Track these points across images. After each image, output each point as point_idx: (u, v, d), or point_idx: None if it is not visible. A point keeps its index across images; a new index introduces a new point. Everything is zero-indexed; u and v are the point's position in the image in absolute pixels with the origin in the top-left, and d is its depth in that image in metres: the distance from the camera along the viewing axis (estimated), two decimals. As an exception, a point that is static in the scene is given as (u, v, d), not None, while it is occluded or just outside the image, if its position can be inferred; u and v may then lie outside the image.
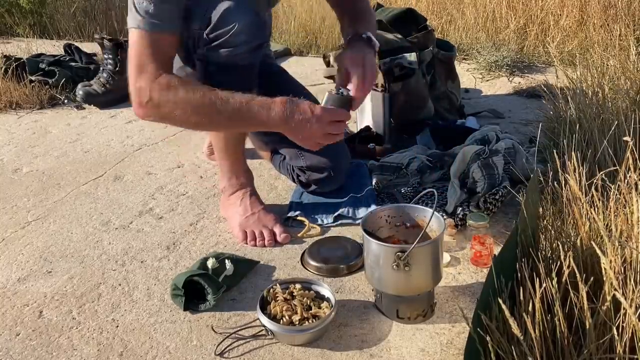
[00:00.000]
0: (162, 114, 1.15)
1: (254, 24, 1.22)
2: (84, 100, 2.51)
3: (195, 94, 1.12)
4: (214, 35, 1.20)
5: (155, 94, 1.13)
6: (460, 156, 1.50)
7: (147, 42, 1.14)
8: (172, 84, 1.13)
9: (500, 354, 0.84)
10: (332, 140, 1.18)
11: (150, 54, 1.14)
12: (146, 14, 1.13)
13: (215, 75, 1.25)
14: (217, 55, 1.22)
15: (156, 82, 1.13)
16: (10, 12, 4.09)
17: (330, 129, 1.15)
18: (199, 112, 1.13)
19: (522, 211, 1.08)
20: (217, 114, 1.12)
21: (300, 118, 1.11)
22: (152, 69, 1.14)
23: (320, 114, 1.12)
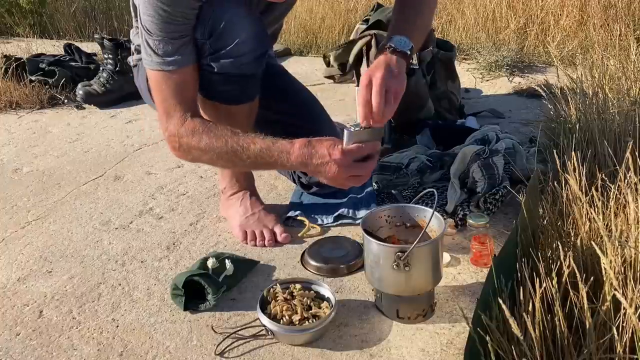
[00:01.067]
0: (193, 158, 1.20)
1: (258, 32, 1.21)
2: (84, 100, 2.51)
3: (218, 142, 1.14)
4: (217, 44, 1.19)
5: (184, 140, 1.17)
6: (460, 156, 1.50)
7: (171, 84, 1.16)
8: (197, 130, 1.15)
9: (500, 354, 0.84)
10: (358, 183, 1.12)
11: (175, 97, 1.17)
12: (165, 53, 1.14)
13: (219, 84, 1.24)
14: (221, 65, 1.21)
15: (183, 128, 1.16)
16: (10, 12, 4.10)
17: (354, 171, 1.07)
18: (223, 159, 1.16)
19: (522, 211, 1.08)
20: (240, 161, 1.14)
21: (318, 162, 1.07)
22: (178, 114, 1.17)
23: (340, 158, 1.05)
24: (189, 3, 1.14)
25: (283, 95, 1.58)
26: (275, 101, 1.51)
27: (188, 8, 1.14)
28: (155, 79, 1.19)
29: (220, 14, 1.17)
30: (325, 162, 1.06)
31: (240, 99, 1.28)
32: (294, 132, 1.54)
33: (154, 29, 1.13)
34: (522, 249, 1.04)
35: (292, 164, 1.10)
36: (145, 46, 1.16)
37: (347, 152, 1.05)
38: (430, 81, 1.98)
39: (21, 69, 2.67)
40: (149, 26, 1.13)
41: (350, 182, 1.10)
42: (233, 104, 1.28)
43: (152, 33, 1.13)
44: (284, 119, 1.53)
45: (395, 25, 1.23)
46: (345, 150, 1.05)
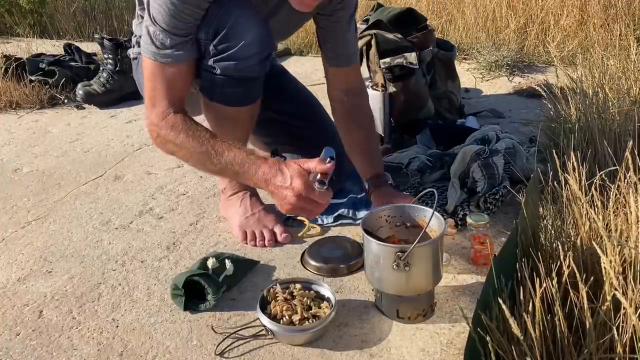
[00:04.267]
0: (169, 150, 1.19)
1: (263, 35, 1.21)
2: (84, 100, 2.51)
3: (193, 141, 1.13)
4: (222, 47, 1.18)
5: (162, 132, 1.16)
6: (460, 156, 1.50)
7: (162, 76, 1.16)
8: (176, 126, 1.15)
9: (500, 353, 0.84)
10: (301, 213, 1.09)
11: (164, 90, 1.16)
12: (162, 45, 1.14)
13: (222, 86, 1.24)
14: (225, 67, 1.20)
15: (164, 121, 1.16)
16: (10, 12, 4.10)
17: (307, 205, 1.04)
18: (195, 158, 1.16)
19: (522, 211, 1.08)
20: (210, 164, 1.13)
21: (278, 184, 1.04)
22: (162, 105, 1.16)
23: (299, 188, 1.02)
24: (199, 2, 1.13)
25: (283, 95, 1.58)
26: (276, 101, 1.51)
27: (197, 7, 1.14)
28: (148, 67, 1.18)
29: (226, 15, 1.17)
30: (284, 187, 1.04)
31: (243, 101, 1.28)
32: (294, 132, 1.55)
33: (159, 19, 1.12)
34: (522, 249, 1.04)
35: (257, 180, 1.08)
36: (146, 32, 1.15)
37: (309, 188, 1.02)
38: (430, 81, 1.97)
39: (21, 69, 2.67)
40: (154, 14, 1.13)
41: (294, 210, 1.06)
42: (236, 106, 1.28)
43: (157, 22, 1.13)
44: (284, 119, 1.54)
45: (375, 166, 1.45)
46: (308, 186, 1.02)
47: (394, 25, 1.94)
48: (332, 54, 1.41)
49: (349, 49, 1.42)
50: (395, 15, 1.98)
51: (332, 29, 1.38)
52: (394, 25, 1.94)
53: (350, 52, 1.42)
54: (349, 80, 1.43)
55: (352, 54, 1.44)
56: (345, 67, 1.42)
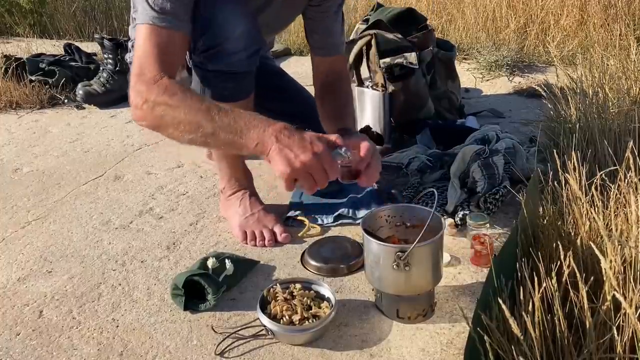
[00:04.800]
0: (155, 118, 1.07)
1: (251, 30, 1.21)
2: (84, 100, 2.51)
3: (192, 100, 1.04)
4: (211, 42, 1.19)
5: (152, 95, 1.05)
6: (460, 156, 1.50)
7: (157, 41, 1.08)
8: (170, 87, 1.06)
9: (500, 353, 0.84)
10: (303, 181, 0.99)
11: (157, 55, 1.08)
12: (161, 10, 1.08)
13: (212, 81, 1.24)
14: (214, 62, 1.20)
15: (156, 84, 1.06)
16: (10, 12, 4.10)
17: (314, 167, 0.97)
18: (190, 120, 1.03)
19: (522, 211, 1.08)
20: (208, 123, 1.01)
21: (293, 143, 0.97)
22: (154, 70, 1.07)
23: (319, 148, 0.97)
24: None
25: (282, 95, 1.58)
26: (275, 101, 1.51)
27: None
28: (141, 34, 1.09)
29: (214, 11, 1.17)
30: (300, 146, 0.96)
31: (235, 96, 1.28)
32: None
33: None
34: (522, 249, 1.04)
35: (263, 137, 0.98)
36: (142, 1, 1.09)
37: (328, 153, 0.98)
38: (430, 81, 1.97)
39: (21, 69, 2.67)
40: None
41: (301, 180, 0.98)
42: (228, 102, 1.28)
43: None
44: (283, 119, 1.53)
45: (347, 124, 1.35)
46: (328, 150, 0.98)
47: (394, 25, 1.94)
48: (319, 44, 1.44)
49: (336, 39, 1.44)
50: (395, 15, 1.98)
51: (320, 19, 1.41)
52: (394, 25, 1.94)
53: (337, 42, 1.45)
54: (332, 67, 1.47)
55: (339, 44, 1.46)
56: (330, 56, 1.45)
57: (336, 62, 1.48)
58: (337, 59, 1.48)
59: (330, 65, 1.47)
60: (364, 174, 1.10)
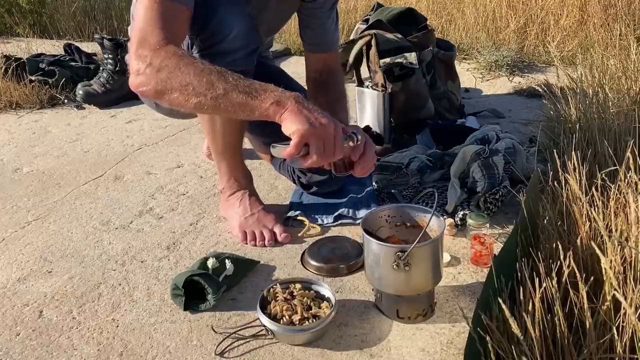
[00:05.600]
0: (160, 79, 1.00)
1: (249, 28, 1.21)
2: (84, 100, 2.51)
3: (203, 62, 1.00)
4: (208, 41, 1.19)
5: (158, 59, 1.00)
6: (460, 156, 1.50)
7: (161, 11, 1.04)
8: (178, 51, 1.01)
9: (500, 353, 0.84)
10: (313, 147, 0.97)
11: (161, 23, 1.03)
12: None
13: None
14: (211, 61, 1.20)
15: (162, 49, 1.01)
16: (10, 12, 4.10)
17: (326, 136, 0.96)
18: (201, 79, 0.99)
19: (522, 211, 1.08)
20: (223, 81, 0.98)
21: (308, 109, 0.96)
22: (159, 36, 1.02)
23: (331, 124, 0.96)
24: None
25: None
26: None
27: None
28: (143, 4, 1.05)
29: (211, 10, 1.17)
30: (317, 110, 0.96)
31: None
32: None
33: None
34: (522, 249, 1.04)
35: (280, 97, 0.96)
36: None
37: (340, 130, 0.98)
38: (430, 81, 1.98)
39: (21, 69, 2.67)
40: None
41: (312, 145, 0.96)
42: None
43: None
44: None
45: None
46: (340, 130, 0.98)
47: (394, 25, 1.95)
48: (313, 40, 1.46)
49: (328, 36, 1.46)
50: (395, 15, 1.99)
51: (313, 15, 1.43)
52: (394, 25, 1.95)
53: (330, 39, 1.46)
54: (326, 64, 1.48)
55: (332, 42, 1.48)
56: (323, 53, 1.47)
57: (329, 59, 1.49)
58: (330, 56, 1.49)
59: (324, 61, 1.48)
60: (358, 164, 1.08)
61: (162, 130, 2.19)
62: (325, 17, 1.43)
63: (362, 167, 1.09)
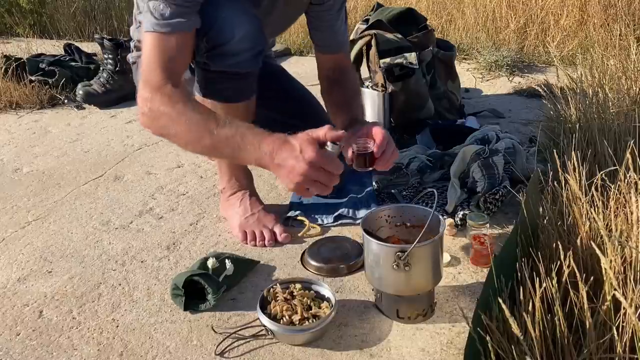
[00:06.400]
0: (159, 126, 1.10)
1: (255, 30, 1.21)
2: (84, 100, 2.51)
3: (192, 111, 1.06)
4: (215, 42, 1.18)
5: (155, 104, 1.08)
6: (460, 156, 1.50)
7: (161, 48, 1.11)
8: (173, 96, 1.08)
9: (500, 353, 0.84)
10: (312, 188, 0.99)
11: (161, 63, 1.10)
12: (161, 17, 1.10)
13: (216, 82, 1.24)
14: (217, 63, 1.20)
15: (159, 92, 1.08)
16: (10, 12, 4.10)
17: (321, 177, 0.98)
18: (191, 132, 1.06)
19: (522, 211, 1.08)
20: (208, 137, 1.04)
21: (285, 155, 0.98)
22: (158, 78, 1.09)
23: (310, 155, 0.96)
24: None
25: (284, 95, 1.58)
26: (276, 100, 1.51)
27: None
28: (147, 43, 1.12)
29: (218, 11, 1.17)
30: (292, 156, 0.97)
31: (237, 97, 1.28)
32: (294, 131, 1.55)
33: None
34: (522, 249, 1.04)
35: (261, 153, 1.00)
36: (147, 9, 1.11)
37: (321, 155, 0.97)
38: (430, 81, 1.98)
39: (21, 69, 2.67)
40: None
41: (304, 183, 0.98)
42: (230, 103, 1.28)
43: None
44: (284, 119, 1.53)
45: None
46: (320, 152, 0.97)
47: (394, 25, 1.95)
48: (323, 42, 1.46)
49: (338, 37, 1.45)
50: (395, 15, 1.99)
51: (321, 18, 1.42)
52: (394, 25, 1.95)
53: (339, 40, 1.46)
54: (337, 64, 1.47)
55: (342, 43, 1.47)
56: (334, 54, 1.47)
57: (340, 59, 1.48)
58: (341, 56, 1.48)
59: (335, 61, 1.47)
60: (380, 161, 1.14)
61: (162, 130, 2.18)
62: (334, 19, 1.43)
63: (384, 162, 1.14)
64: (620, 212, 1.03)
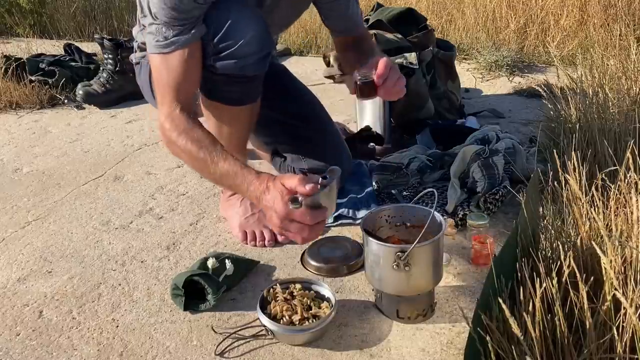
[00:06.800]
0: (174, 152, 1.19)
1: (262, 34, 1.21)
2: (84, 100, 2.51)
3: (192, 146, 1.12)
4: (222, 45, 1.18)
5: (167, 132, 1.16)
6: (461, 156, 1.50)
7: (167, 68, 1.16)
8: (179, 127, 1.14)
9: (500, 353, 0.84)
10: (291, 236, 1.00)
11: (169, 84, 1.16)
12: (164, 38, 1.14)
13: (222, 85, 1.24)
14: (225, 66, 1.20)
15: (169, 119, 1.16)
16: (10, 12, 4.09)
17: (287, 226, 0.98)
18: (194, 165, 1.16)
19: (522, 211, 1.07)
20: (207, 173, 1.13)
21: (265, 204, 1.01)
22: (168, 103, 1.16)
23: (279, 210, 0.97)
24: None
25: (284, 95, 1.58)
26: (277, 101, 1.51)
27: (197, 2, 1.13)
28: (154, 64, 1.19)
29: (225, 14, 1.17)
30: (269, 207, 1.00)
31: (242, 100, 1.28)
32: (294, 132, 1.55)
33: (160, 14, 1.13)
34: (522, 249, 1.04)
35: (249, 195, 1.06)
36: (148, 32, 1.16)
37: (290, 212, 0.96)
38: (430, 81, 1.98)
39: (21, 69, 2.66)
40: (155, 11, 1.13)
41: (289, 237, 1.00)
42: (236, 105, 1.28)
43: (158, 18, 1.13)
44: (285, 119, 1.54)
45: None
46: (286, 208, 0.96)
47: (394, 25, 1.95)
48: (337, 28, 1.49)
49: (352, 20, 1.47)
50: (395, 15, 1.98)
51: (331, 8, 1.44)
52: (394, 25, 1.95)
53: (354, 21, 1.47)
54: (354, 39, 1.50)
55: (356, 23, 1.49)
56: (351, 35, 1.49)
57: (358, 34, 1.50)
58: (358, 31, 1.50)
59: (353, 38, 1.50)
60: (383, 87, 1.18)
61: (162, 130, 2.18)
62: (345, 8, 1.43)
63: (387, 91, 1.19)
64: (621, 212, 1.03)
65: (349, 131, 1.97)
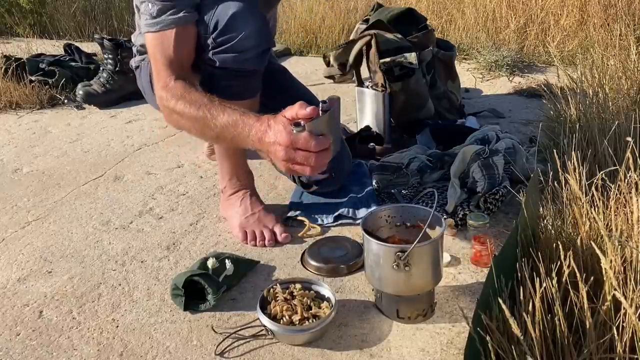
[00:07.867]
0: (174, 122, 1.19)
1: (262, 28, 1.22)
2: (84, 100, 2.51)
3: (191, 107, 1.12)
4: (221, 39, 1.20)
5: (165, 102, 1.17)
6: (460, 156, 1.50)
7: (159, 46, 1.19)
8: (176, 93, 1.15)
9: (500, 353, 0.84)
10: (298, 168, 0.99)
11: (162, 59, 1.19)
12: (151, 16, 1.18)
13: (222, 80, 1.25)
14: (223, 60, 1.21)
15: (166, 89, 1.17)
16: (10, 12, 4.09)
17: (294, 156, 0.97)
18: (195, 126, 1.14)
19: (522, 211, 1.08)
20: (208, 130, 1.11)
21: (270, 141, 0.99)
22: (163, 76, 1.18)
23: (283, 139, 0.96)
24: None
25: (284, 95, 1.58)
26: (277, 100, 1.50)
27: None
28: (148, 42, 1.22)
29: (224, 8, 1.18)
30: (273, 142, 0.98)
31: (242, 94, 1.28)
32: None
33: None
34: (522, 249, 1.04)
35: (252, 140, 1.03)
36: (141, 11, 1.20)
37: (294, 140, 0.96)
38: (430, 81, 1.97)
39: (21, 69, 2.66)
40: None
41: (297, 169, 0.99)
42: (235, 100, 1.28)
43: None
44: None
45: None
46: (290, 135, 0.96)
47: (394, 25, 1.94)
48: None
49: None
50: (395, 15, 1.98)
51: None
52: (394, 25, 1.94)
53: None
54: None
55: None
56: None
57: None
58: None
59: None
60: None
61: (162, 130, 2.19)
62: None
63: None
64: (621, 212, 1.03)
65: (349, 131, 1.97)
